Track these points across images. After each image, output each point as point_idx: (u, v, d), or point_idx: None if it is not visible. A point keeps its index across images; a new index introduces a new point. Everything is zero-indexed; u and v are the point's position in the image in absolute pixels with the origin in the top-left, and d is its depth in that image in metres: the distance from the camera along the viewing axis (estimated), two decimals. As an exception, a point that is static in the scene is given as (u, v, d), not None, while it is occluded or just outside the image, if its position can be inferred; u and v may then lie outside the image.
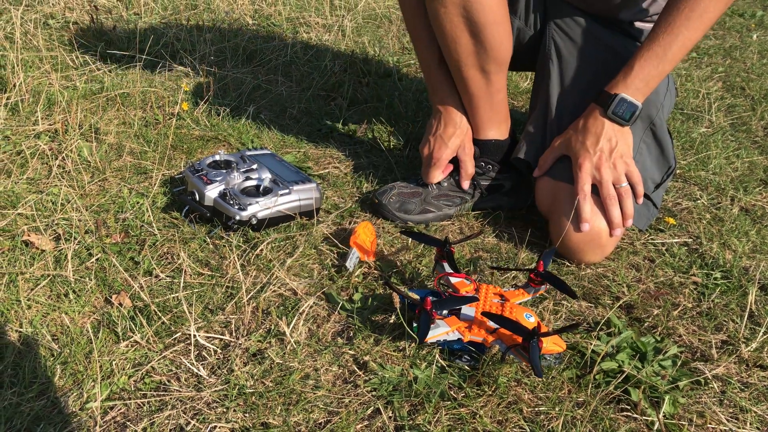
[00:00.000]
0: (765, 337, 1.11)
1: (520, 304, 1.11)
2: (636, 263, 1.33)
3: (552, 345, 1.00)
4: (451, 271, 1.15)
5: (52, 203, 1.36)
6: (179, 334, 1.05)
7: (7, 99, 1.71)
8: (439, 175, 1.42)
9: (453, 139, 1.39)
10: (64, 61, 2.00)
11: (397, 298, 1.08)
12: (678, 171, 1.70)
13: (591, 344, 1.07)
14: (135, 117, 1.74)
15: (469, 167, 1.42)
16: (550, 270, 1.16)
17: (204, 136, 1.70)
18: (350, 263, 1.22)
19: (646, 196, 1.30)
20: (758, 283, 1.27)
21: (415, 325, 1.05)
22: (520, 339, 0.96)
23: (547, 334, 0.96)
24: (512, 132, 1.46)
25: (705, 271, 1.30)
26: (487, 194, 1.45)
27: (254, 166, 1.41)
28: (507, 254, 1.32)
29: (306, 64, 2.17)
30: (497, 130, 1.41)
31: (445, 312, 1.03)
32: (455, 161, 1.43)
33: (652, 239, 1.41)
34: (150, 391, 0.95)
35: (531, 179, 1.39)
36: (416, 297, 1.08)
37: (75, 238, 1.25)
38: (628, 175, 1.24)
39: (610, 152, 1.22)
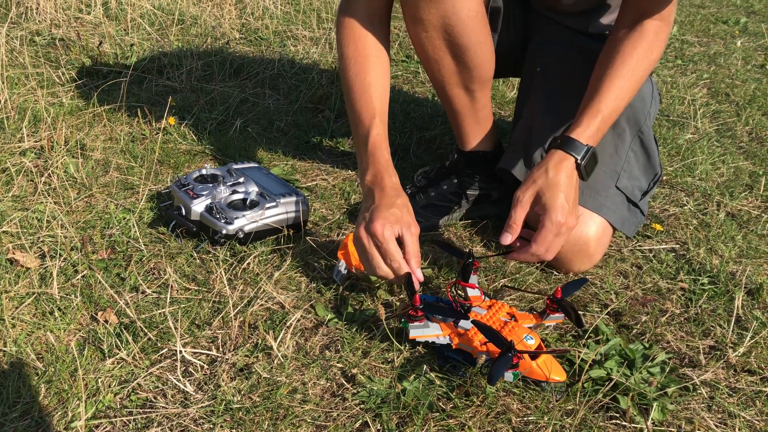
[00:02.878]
0: (752, 342, 1.12)
1: (531, 327, 1.10)
2: (624, 270, 1.33)
3: (555, 374, 1.00)
4: (473, 283, 1.15)
5: (38, 220, 1.36)
6: (166, 350, 1.05)
7: (-7, 117, 1.70)
8: (381, 263, 1.12)
9: (394, 221, 1.11)
10: (50, 77, 2.00)
11: (382, 310, 1.08)
12: (665, 177, 1.71)
13: (580, 352, 1.07)
14: (121, 132, 1.74)
15: (415, 249, 1.13)
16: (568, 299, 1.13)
17: (191, 151, 1.70)
18: (338, 275, 1.22)
19: (633, 203, 1.31)
20: (745, 288, 1.28)
21: (403, 320, 1.05)
22: (498, 351, 0.96)
23: (529, 353, 0.96)
24: (498, 143, 1.47)
25: (692, 277, 1.31)
26: (475, 204, 1.46)
27: (241, 180, 1.41)
28: (495, 263, 1.32)
29: (293, 77, 2.18)
30: (483, 142, 1.42)
31: (434, 315, 1.04)
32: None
33: (639, 246, 1.41)
34: (136, 408, 0.95)
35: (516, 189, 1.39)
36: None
37: (61, 255, 1.24)
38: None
39: (571, 212, 1.12)
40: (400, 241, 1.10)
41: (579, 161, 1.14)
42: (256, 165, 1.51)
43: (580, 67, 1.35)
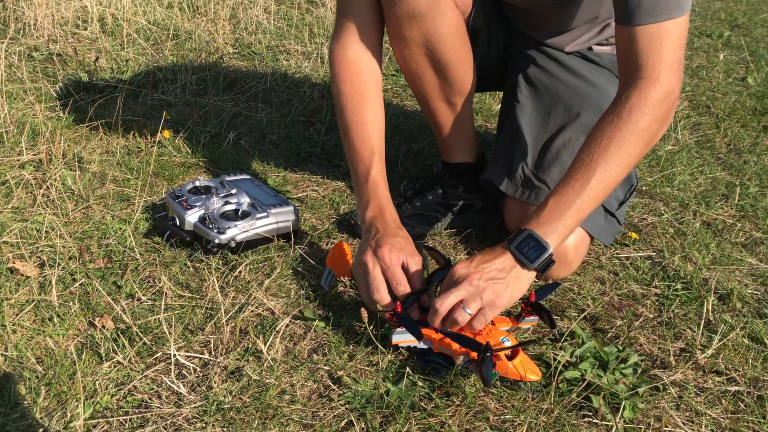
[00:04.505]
0: (720, 344, 1.17)
1: (508, 330, 1.15)
2: (601, 277, 1.38)
3: (531, 374, 1.05)
4: None
5: (37, 231, 1.40)
6: (160, 354, 1.09)
7: (-8, 131, 1.75)
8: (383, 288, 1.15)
9: (398, 252, 1.16)
10: (48, 92, 2.05)
11: (365, 314, 1.13)
12: (644, 188, 1.77)
13: (556, 354, 1.12)
14: (117, 146, 1.79)
15: (418, 276, 1.17)
16: (542, 303, 1.17)
17: (185, 163, 1.75)
18: (326, 282, 1.27)
19: (609, 213, 1.37)
20: (716, 293, 1.33)
21: (386, 326, 1.11)
22: (475, 355, 1.02)
23: (503, 350, 1.02)
24: (481, 154, 1.53)
25: (666, 283, 1.36)
26: (459, 214, 1.51)
27: (233, 191, 1.46)
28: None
29: (285, 91, 2.24)
30: (466, 154, 1.47)
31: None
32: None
33: (617, 254, 1.47)
34: (132, 408, 0.99)
35: (500, 199, 1.45)
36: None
37: (59, 264, 1.29)
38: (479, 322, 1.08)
39: (494, 286, 1.07)
40: (405, 268, 1.16)
41: (509, 243, 1.10)
42: (248, 177, 1.57)
43: (559, 81, 1.41)
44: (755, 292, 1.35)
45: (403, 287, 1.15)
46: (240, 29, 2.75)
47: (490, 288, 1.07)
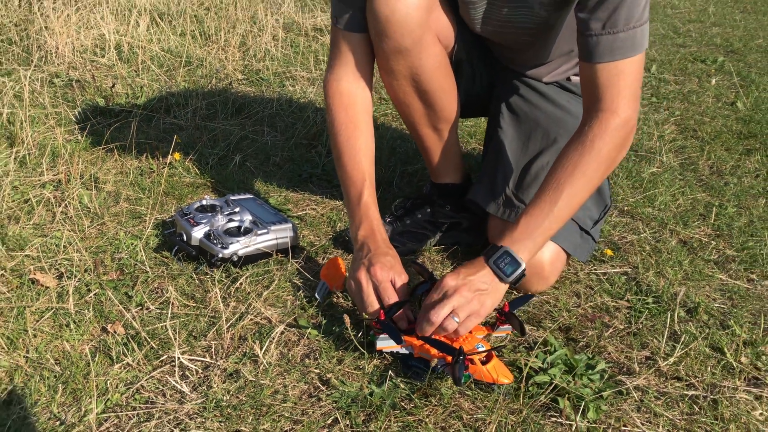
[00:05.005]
0: (682, 353, 1.26)
1: (483, 337, 1.25)
2: (577, 290, 1.48)
3: (502, 377, 1.15)
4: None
5: (56, 245, 1.53)
6: (165, 357, 1.20)
7: (16, 152, 1.88)
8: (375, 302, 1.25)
9: (387, 271, 1.26)
10: (67, 116, 2.19)
11: (348, 320, 1.23)
12: (626, 208, 1.87)
13: (528, 360, 1.22)
14: (131, 167, 1.91)
15: (405, 293, 1.27)
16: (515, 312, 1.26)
17: (194, 183, 1.87)
18: (320, 294, 1.38)
19: (585, 231, 1.47)
20: (684, 306, 1.43)
21: (371, 333, 1.21)
22: (450, 358, 1.12)
23: (476, 353, 1.12)
24: (467, 175, 1.64)
25: (638, 297, 1.46)
26: (447, 231, 1.62)
27: (237, 209, 1.58)
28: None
29: (290, 116, 2.36)
30: (452, 175, 1.59)
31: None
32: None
33: (595, 269, 1.56)
34: (139, 405, 1.10)
35: (485, 218, 1.55)
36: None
37: (76, 276, 1.41)
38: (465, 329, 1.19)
39: (470, 300, 1.17)
40: (393, 285, 1.26)
41: (487, 259, 1.21)
42: (252, 196, 1.68)
43: (539, 110, 1.52)
44: (722, 306, 1.44)
45: (392, 301, 1.25)
46: (249, 56, 2.89)
47: (476, 299, 1.18)
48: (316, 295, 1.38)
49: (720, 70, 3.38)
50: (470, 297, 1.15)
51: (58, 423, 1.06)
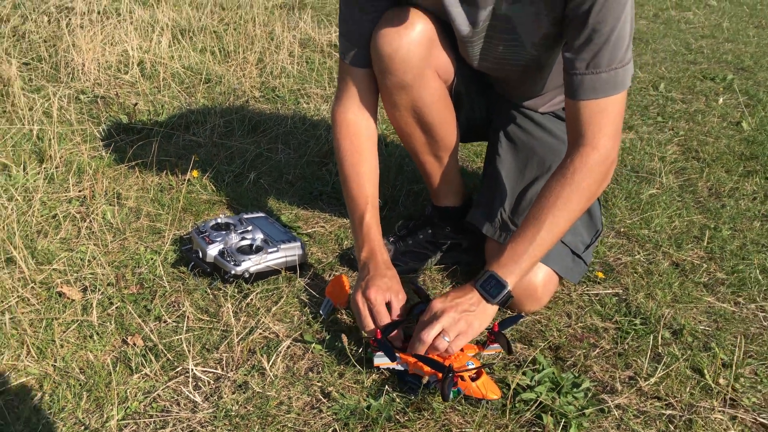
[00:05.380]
0: (663, 373, 1.34)
1: (474, 355, 1.34)
2: (569, 311, 1.56)
3: (491, 393, 1.23)
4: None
5: (81, 259, 1.64)
6: (180, 368, 1.31)
7: (45, 169, 2.00)
8: (371, 323, 1.35)
9: (386, 290, 1.36)
10: (92, 133, 2.31)
11: (345, 339, 1.33)
12: (623, 229, 1.94)
13: (517, 378, 1.30)
14: (152, 183, 2.03)
15: (400, 313, 1.37)
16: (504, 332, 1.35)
17: (210, 200, 1.98)
18: (324, 310, 1.47)
19: (576, 255, 1.55)
20: (670, 328, 1.50)
21: (369, 350, 1.30)
22: (440, 375, 1.21)
23: (465, 370, 1.21)
24: (467, 197, 1.72)
25: (627, 318, 1.53)
26: (447, 252, 1.70)
27: (249, 228, 1.68)
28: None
29: (304, 133, 2.46)
30: (452, 199, 1.68)
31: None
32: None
33: (587, 290, 1.64)
34: (156, 413, 1.20)
35: (483, 239, 1.63)
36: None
37: (99, 290, 1.52)
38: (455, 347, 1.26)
39: (458, 320, 1.26)
40: (389, 305, 1.36)
41: (475, 283, 1.30)
42: (264, 215, 1.78)
43: (535, 139, 1.61)
44: (707, 328, 1.52)
45: (384, 323, 1.33)
46: (266, 73, 3.00)
47: (464, 319, 1.27)
48: (320, 311, 1.48)
49: (728, 88, 3.43)
50: (458, 318, 1.24)
51: (82, 428, 1.16)
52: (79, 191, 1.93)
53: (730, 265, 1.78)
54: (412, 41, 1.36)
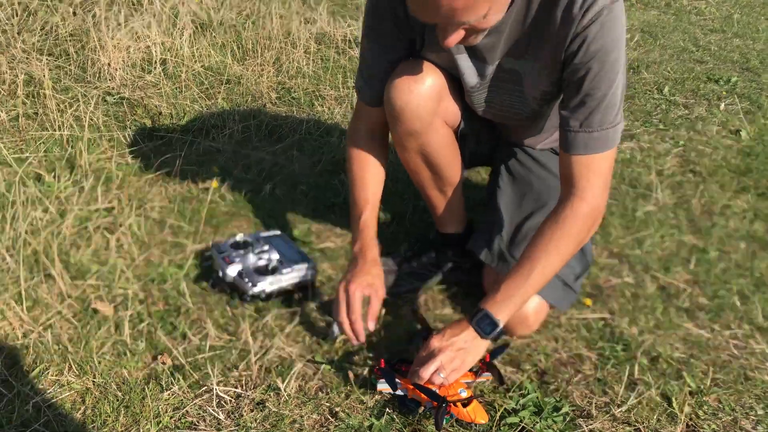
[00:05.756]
0: (636, 401, 1.49)
1: (467, 383, 1.49)
2: (557, 335, 1.71)
3: (479, 418, 1.39)
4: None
5: (110, 273, 1.79)
6: (206, 387, 1.47)
7: (75, 178, 2.15)
8: (349, 320, 1.50)
9: (366, 284, 1.51)
10: (119, 138, 2.44)
11: (352, 376, 1.49)
12: (615, 249, 2.07)
13: (505, 402, 1.45)
14: (174, 192, 2.17)
15: (375, 309, 1.52)
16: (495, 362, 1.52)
17: (229, 212, 2.12)
18: (332, 335, 1.62)
19: (567, 285, 1.68)
20: (648, 354, 1.64)
21: (373, 377, 1.46)
22: (435, 403, 1.36)
23: (458, 401, 1.36)
24: (468, 224, 1.86)
25: (610, 344, 1.68)
26: (449, 273, 1.85)
27: (266, 247, 1.83)
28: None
29: (317, 140, 2.59)
30: (455, 226, 1.81)
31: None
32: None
33: (576, 315, 1.78)
34: (184, 429, 1.37)
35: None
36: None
37: (129, 305, 1.67)
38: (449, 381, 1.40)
39: (453, 357, 1.40)
40: (367, 302, 1.52)
41: (470, 320, 1.43)
42: (279, 233, 1.92)
43: (533, 174, 1.73)
44: (682, 356, 1.66)
45: (354, 317, 1.49)
46: (282, 73, 3.11)
47: (459, 357, 1.41)
48: (333, 330, 1.63)
49: (731, 92, 3.50)
50: (453, 356, 1.39)
51: (120, 442, 1.33)
52: (108, 202, 2.08)
53: (712, 291, 1.91)
54: (422, 95, 1.48)
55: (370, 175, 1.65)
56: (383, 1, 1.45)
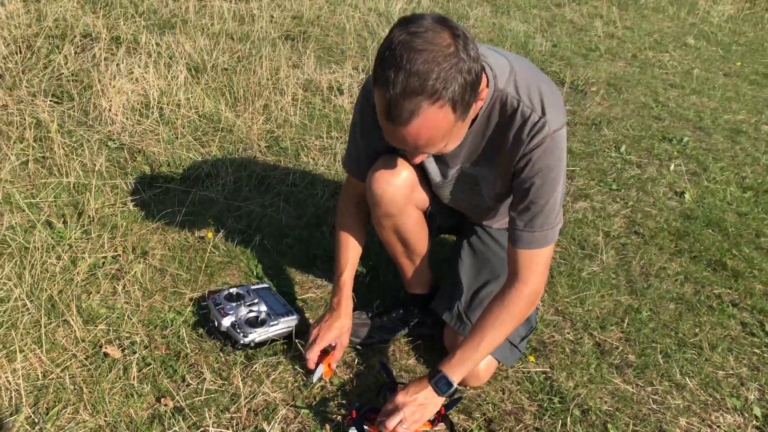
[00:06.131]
0: (566, 450, 1.78)
1: (424, 431, 1.76)
2: (504, 387, 1.99)
3: None
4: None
5: (118, 318, 2.04)
6: (202, 428, 1.72)
7: (82, 225, 2.39)
8: (314, 354, 1.86)
9: (335, 331, 1.87)
10: (121, 186, 2.69)
11: (327, 427, 1.76)
12: (560, 307, 2.37)
13: (455, 448, 1.73)
14: (174, 240, 2.42)
15: (338, 355, 1.90)
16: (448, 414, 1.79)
17: (222, 261, 2.38)
18: (314, 378, 1.88)
19: (514, 345, 1.96)
20: (580, 407, 1.93)
21: (346, 423, 1.73)
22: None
23: None
24: (434, 286, 2.14)
25: (549, 396, 1.96)
26: (415, 327, 2.13)
27: (256, 300, 2.09)
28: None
29: (302, 192, 2.86)
30: (421, 288, 2.09)
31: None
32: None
33: (522, 368, 2.07)
34: (184, 465, 1.62)
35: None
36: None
37: (135, 351, 1.92)
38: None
39: (414, 411, 1.67)
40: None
41: (429, 379, 1.69)
42: (267, 285, 2.19)
43: (489, 250, 2.02)
44: (609, 408, 1.95)
45: (312, 356, 1.85)
46: (271, 121, 3.37)
47: (419, 411, 1.69)
48: (314, 375, 1.89)
49: (682, 152, 3.84)
50: (414, 410, 1.67)
51: (130, 476, 1.58)
52: (114, 250, 2.32)
53: (640, 349, 2.21)
54: (398, 186, 1.77)
55: (352, 241, 1.94)
56: (369, 115, 1.73)
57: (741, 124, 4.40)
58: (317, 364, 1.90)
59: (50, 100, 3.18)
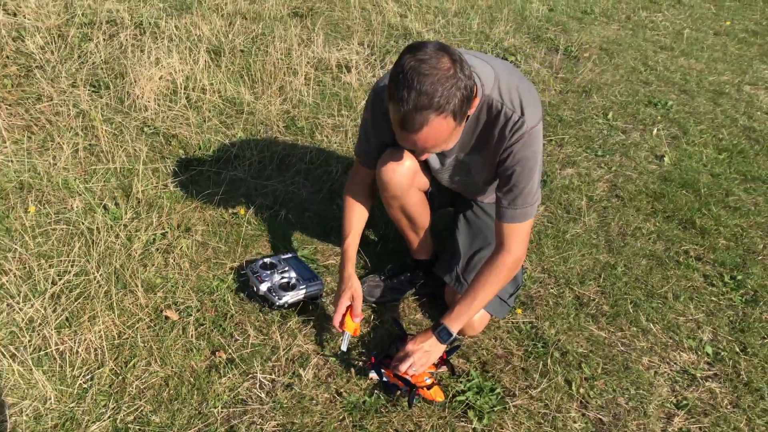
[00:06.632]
0: (546, 384, 2.18)
1: (431, 372, 2.16)
2: (496, 336, 2.39)
3: (438, 397, 2.07)
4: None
5: (172, 286, 2.44)
6: (251, 375, 2.14)
7: (132, 206, 2.77)
8: (337, 321, 2.12)
9: (347, 294, 2.11)
10: (162, 170, 3.06)
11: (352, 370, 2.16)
12: (546, 266, 2.75)
13: (455, 385, 2.14)
14: (211, 217, 2.80)
15: (357, 304, 2.12)
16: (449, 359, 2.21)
17: (254, 235, 2.76)
18: (345, 345, 2.28)
19: (503, 300, 2.36)
20: (560, 350, 2.33)
21: (366, 366, 2.14)
22: (408, 388, 2.05)
23: (423, 386, 2.04)
24: (436, 253, 2.53)
25: (533, 342, 2.36)
26: (420, 288, 2.52)
27: (286, 268, 2.48)
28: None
29: (319, 168, 3.22)
30: (425, 254, 2.48)
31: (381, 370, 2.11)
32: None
33: (511, 319, 2.46)
34: (238, 404, 2.04)
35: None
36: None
37: (191, 315, 2.33)
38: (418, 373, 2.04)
39: (421, 357, 2.01)
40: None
41: (433, 330, 2.04)
42: (294, 255, 2.58)
43: (482, 221, 2.40)
44: (583, 351, 2.35)
45: (336, 321, 2.14)
46: (287, 101, 3.71)
47: (425, 357, 2.09)
48: (341, 347, 2.28)
49: (666, 116, 4.15)
50: (421, 356, 2.07)
51: (196, 413, 2.00)
52: (162, 228, 2.71)
53: (613, 300, 2.60)
54: (402, 173, 2.13)
55: (355, 213, 2.29)
56: (380, 117, 2.08)
57: (724, 85, 4.68)
58: (343, 332, 2.29)
59: (89, 89, 3.52)
